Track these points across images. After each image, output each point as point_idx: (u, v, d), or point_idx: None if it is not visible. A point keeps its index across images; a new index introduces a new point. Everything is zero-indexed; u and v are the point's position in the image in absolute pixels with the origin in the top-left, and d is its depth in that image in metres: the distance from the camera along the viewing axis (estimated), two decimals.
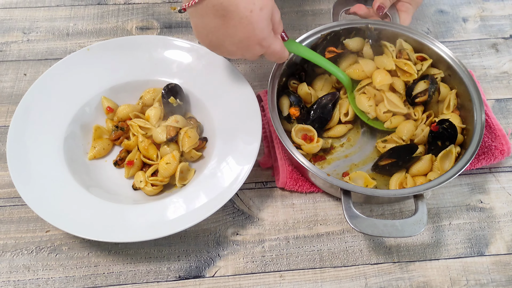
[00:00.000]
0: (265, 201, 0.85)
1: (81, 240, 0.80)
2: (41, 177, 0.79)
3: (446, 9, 1.10)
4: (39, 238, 0.81)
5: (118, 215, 0.77)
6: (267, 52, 0.78)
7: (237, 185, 0.78)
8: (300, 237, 0.82)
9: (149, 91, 0.90)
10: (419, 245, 0.82)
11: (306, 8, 1.09)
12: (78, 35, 1.03)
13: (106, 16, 1.06)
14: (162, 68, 0.91)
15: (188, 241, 0.81)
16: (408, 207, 0.85)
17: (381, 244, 0.82)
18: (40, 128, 0.83)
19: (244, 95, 0.87)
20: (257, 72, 0.99)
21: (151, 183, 0.82)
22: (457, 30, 1.07)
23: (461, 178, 0.88)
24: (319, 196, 0.86)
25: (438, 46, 0.89)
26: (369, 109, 0.87)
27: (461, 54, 1.03)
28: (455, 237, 0.83)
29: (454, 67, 0.87)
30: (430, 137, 0.83)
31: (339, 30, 0.91)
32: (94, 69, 0.89)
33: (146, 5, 1.08)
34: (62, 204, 0.77)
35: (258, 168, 0.88)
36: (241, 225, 0.83)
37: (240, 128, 0.83)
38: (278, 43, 0.78)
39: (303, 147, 0.84)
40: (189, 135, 0.84)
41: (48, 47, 1.01)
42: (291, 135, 0.84)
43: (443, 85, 0.89)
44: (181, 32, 1.04)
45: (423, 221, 0.73)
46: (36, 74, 0.97)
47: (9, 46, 1.01)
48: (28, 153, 0.81)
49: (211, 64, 0.90)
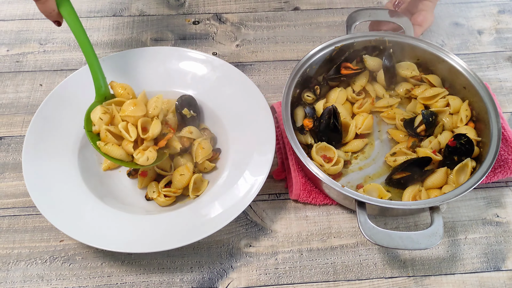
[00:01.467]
0: (278, 213, 0.86)
1: (95, 250, 0.81)
2: (56, 187, 0.80)
3: (461, 21, 1.11)
4: (53, 248, 0.82)
5: (131, 225, 0.78)
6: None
7: (251, 196, 0.78)
8: (313, 249, 0.82)
9: (164, 102, 0.91)
10: (434, 259, 0.82)
11: (320, 20, 1.10)
12: (93, 46, 1.05)
13: (121, 28, 1.08)
14: (176, 79, 0.92)
15: (201, 252, 0.82)
16: (423, 220, 0.85)
17: (396, 258, 0.82)
18: (55, 138, 0.85)
19: (257, 107, 0.88)
20: (271, 84, 1.00)
21: (164, 194, 0.83)
22: (472, 43, 1.08)
23: (476, 192, 0.88)
24: (333, 208, 0.86)
25: (453, 58, 0.90)
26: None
27: (476, 67, 1.04)
28: (471, 252, 0.82)
29: (469, 79, 0.88)
30: (446, 151, 0.83)
31: (353, 43, 0.92)
32: (109, 79, 0.91)
33: (160, 17, 1.10)
34: (76, 214, 0.78)
35: (272, 179, 0.89)
36: (254, 237, 0.83)
37: (254, 139, 0.84)
38: None
39: (324, 168, 0.83)
40: (202, 146, 0.85)
41: (64, 58, 1.03)
42: (312, 154, 0.84)
43: (452, 97, 0.90)
44: (195, 44, 1.06)
45: (439, 233, 0.73)
46: (52, 84, 0.99)
47: (26, 56, 1.03)
48: (44, 163, 0.82)
49: (225, 75, 0.92)
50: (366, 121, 0.89)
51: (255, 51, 1.05)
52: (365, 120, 0.90)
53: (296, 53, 1.05)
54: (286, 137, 0.82)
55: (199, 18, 1.10)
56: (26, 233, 0.83)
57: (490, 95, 0.86)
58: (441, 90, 0.90)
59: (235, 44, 1.07)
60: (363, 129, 0.89)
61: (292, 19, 1.11)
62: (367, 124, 0.89)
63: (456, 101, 0.89)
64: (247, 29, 1.09)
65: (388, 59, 0.92)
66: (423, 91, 0.91)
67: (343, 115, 0.89)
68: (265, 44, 1.06)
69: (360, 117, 0.90)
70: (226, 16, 1.11)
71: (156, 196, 0.83)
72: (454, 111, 0.89)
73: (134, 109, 0.79)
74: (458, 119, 0.88)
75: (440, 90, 0.90)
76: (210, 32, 1.08)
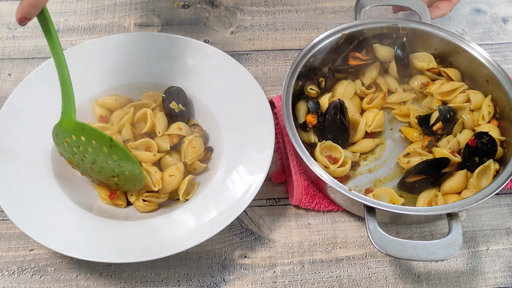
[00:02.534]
0: (277, 220, 0.87)
1: (69, 260, 0.82)
2: (26, 189, 0.81)
3: (484, 8, 1.13)
4: (22, 258, 0.82)
5: (111, 232, 0.79)
6: None
7: (248, 198, 0.79)
8: (316, 261, 0.83)
9: (148, 95, 0.93)
10: (452, 272, 0.83)
11: (325, 5, 1.12)
12: (69, 31, 1.07)
13: (101, 11, 1.10)
14: (163, 69, 0.93)
15: (190, 263, 0.83)
16: (439, 229, 0.86)
17: (409, 271, 0.83)
18: (26, 135, 0.85)
19: (255, 100, 0.89)
20: (269, 76, 1.02)
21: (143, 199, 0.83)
22: (496, 32, 1.09)
23: (500, 198, 0.89)
24: (339, 215, 0.87)
25: (475, 48, 0.91)
26: None
27: (501, 59, 1.05)
28: (494, 265, 0.84)
29: (493, 72, 0.89)
30: (466, 152, 0.85)
31: (363, 30, 0.93)
32: (87, 69, 0.92)
33: (146, 0, 1.11)
34: (49, 220, 0.79)
35: (270, 183, 0.90)
36: (250, 247, 0.84)
37: (250, 135, 0.86)
38: None
39: (329, 170, 0.84)
40: (193, 145, 0.86)
41: (36, 44, 1.04)
42: (315, 154, 0.85)
43: (473, 92, 0.91)
44: (184, 30, 1.07)
45: (458, 243, 0.74)
46: (22, 74, 1.00)
47: None
48: (12, 162, 0.83)
49: (218, 65, 0.93)
50: (377, 118, 0.91)
51: (252, 39, 1.07)
52: (376, 117, 0.91)
53: (298, 42, 1.07)
54: (287, 134, 0.84)
55: (189, 1, 1.11)
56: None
57: None
58: (460, 84, 0.92)
59: (229, 31, 1.08)
60: (373, 127, 0.91)
61: (294, 3, 1.12)
62: (378, 121, 0.91)
63: (478, 96, 0.91)
64: (243, 14, 1.10)
65: (401, 49, 0.93)
66: (440, 86, 0.92)
67: (351, 110, 0.91)
68: (263, 31, 1.08)
69: (370, 114, 0.91)
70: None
71: (134, 200, 0.83)
72: (475, 107, 0.91)
73: None
74: (479, 116, 0.89)
75: (459, 84, 0.92)
76: (201, 17, 1.09)
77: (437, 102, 0.93)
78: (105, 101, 0.91)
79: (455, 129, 0.90)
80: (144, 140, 0.87)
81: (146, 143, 0.87)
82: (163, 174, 0.84)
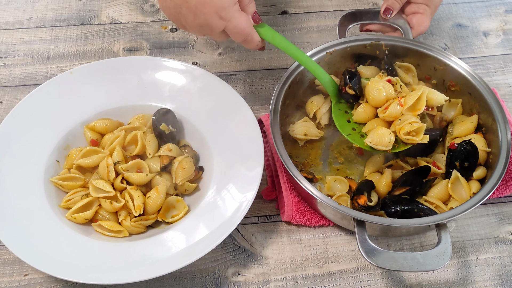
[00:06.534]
0: (269, 236, 0.88)
1: (64, 284, 0.82)
2: (20, 215, 0.81)
3: (465, 22, 1.15)
4: (16, 283, 0.83)
5: (104, 254, 0.79)
6: (229, 28, 0.79)
7: (240, 215, 0.80)
8: (309, 276, 0.84)
9: (138, 118, 0.94)
10: (443, 283, 0.84)
11: (310, 25, 1.14)
12: (59, 58, 1.08)
13: (90, 37, 1.11)
14: (152, 92, 0.95)
15: (184, 283, 0.83)
16: (429, 240, 0.87)
17: (401, 283, 0.83)
18: (18, 160, 0.86)
19: (243, 120, 0.90)
20: (258, 95, 1.03)
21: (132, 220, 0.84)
22: (478, 45, 1.11)
23: (488, 208, 0.91)
24: (330, 230, 0.88)
25: (457, 62, 0.93)
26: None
27: (483, 71, 1.07)
28: (484, 274, 0.84)
29: (475, 85, 0.91)
30: (448, 157, 0.86)
31: (347, 47, 0.95)
32: (78, 94, 0.93)
33: (134, 25, 1.13)
34: (43, 244, 0.79)
35: (261, 200, 0.91)
36: (243, 264, 0.85)
37: (240, 154, 0.87)
38: (243, 19, 0.79)
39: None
40: (183, 166, 0.87)
41: (27, 71, 1.05)
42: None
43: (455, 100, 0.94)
44: (173, 53, 1.09)
45: (447, 252, 0.75)
46: (13, 101, 1.01)
47: None
48: (5, 187, 0.83)
49: (206, 86, 0.94)
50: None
51: (239, 60, 1.08)
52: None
53: (285, 61, 1.08)
54: (276, 152, 0.85)
55: None
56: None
57: (498, 101, 0.89)
58: (421, 87, 0.88)
59: (217, 53, 1.09)
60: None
61: (280, 23, 1.14)
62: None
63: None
64: None
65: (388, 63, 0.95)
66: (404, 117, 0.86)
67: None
68: (250, 52, 1.10)
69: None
70: None
71: (122, 220, 0.84)
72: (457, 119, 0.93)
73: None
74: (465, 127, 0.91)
75: (418, 92, 0.87)
76: (189, 40, 1.11)
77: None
78: (96, 125, 0.92)
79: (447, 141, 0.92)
80: (135, 161, 0.87)
81: (137, 165, 0.87)
82: (145, 198, 0.85)
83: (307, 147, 0.94)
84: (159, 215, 0.85)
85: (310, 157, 0.93)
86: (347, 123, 0.89)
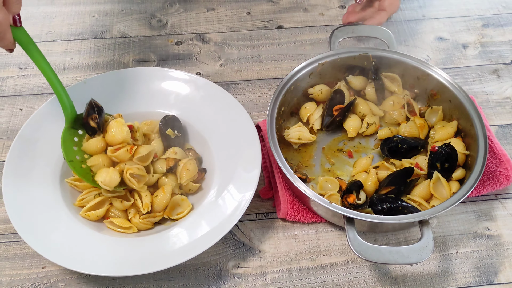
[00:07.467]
0: (266, 232, 0.88)
1: (78, 275, 0.83)
2: (38, 212, 0.82)
3: (446, 36, 1.16)
4: (35, 275, 0.83)
5: (115, 248, 0.80)
6: None
7: (239, 212, 0.81)
8: (303, 268, 0.84)
9: (146, 123, 0.94)
10: (426, 274, 0.84)
11: (304, 38, 1.15)
12: (74, 69, 1.08)
13: (102, 50, 1.12)
14: (159, 100, 0.95)
15: (188, 275, 0.83)
16: (413, 235, 0.88)
17: (387, 274, 0.84)
18: (36, 163, 0.87)
19: (243, 125, 0.91)
20: (256, 102, 1.04)
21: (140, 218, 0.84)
22: (457, 57, 1.12)
23: (466, 206, 0.91)
24: (322, 226, 0.89)
25: (438, 72, 0.94)
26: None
27: (462, 81, 1.08)
28: (463, 266, 0.85)
29: (454, 93, 0.92)
30: (429, 159, 0.87)
31: (337, 59, 0.96)
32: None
33: (142, 38, 1.14)
34: (59, 239, 0.80)
35: (259, 199, 0.91)
36: (242, 258, 0.85)
37: (239, 156, 0.87)
38: (0, 14, 0.71)
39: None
40: (188, 167, 0.87)
41: (44, 81, 1.06)
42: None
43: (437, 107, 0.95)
44: (178, 64, 1.09)
45: (429, 247, 0.75)
46: (32, 108, 1.02)
47: (5, 81, 1.06)
48: (25, 188, 0.84)
49: (209, 94, 0.95)
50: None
51: (239, 70, 1.09)
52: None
53: (281, 71, 1.09)
54: (272, 155, 0.85)
55: (182, 39, 1.14)
56: (7, 260, 0.84)
57: (476, 108, 0.89)
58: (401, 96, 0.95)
59: (219, 64, 1.10)
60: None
61: (276, 37, 1.15)
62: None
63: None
64: (230, 48, 1.13)
65: (375, 73, 0.96)
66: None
67: None
68: (249, 63, 1.10)
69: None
70: (209, 36, 1.15)
71: (131, 217, 0.84)
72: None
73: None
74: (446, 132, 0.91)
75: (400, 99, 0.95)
76: (193, 52, 1.12)
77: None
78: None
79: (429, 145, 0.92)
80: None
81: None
82: (152, 197, 0.85)
83: (301, 150, 0.95)
84: (165, 213, 0.86)
85: (304, 159, 0.94)
86: (73, 150, 0.86)
